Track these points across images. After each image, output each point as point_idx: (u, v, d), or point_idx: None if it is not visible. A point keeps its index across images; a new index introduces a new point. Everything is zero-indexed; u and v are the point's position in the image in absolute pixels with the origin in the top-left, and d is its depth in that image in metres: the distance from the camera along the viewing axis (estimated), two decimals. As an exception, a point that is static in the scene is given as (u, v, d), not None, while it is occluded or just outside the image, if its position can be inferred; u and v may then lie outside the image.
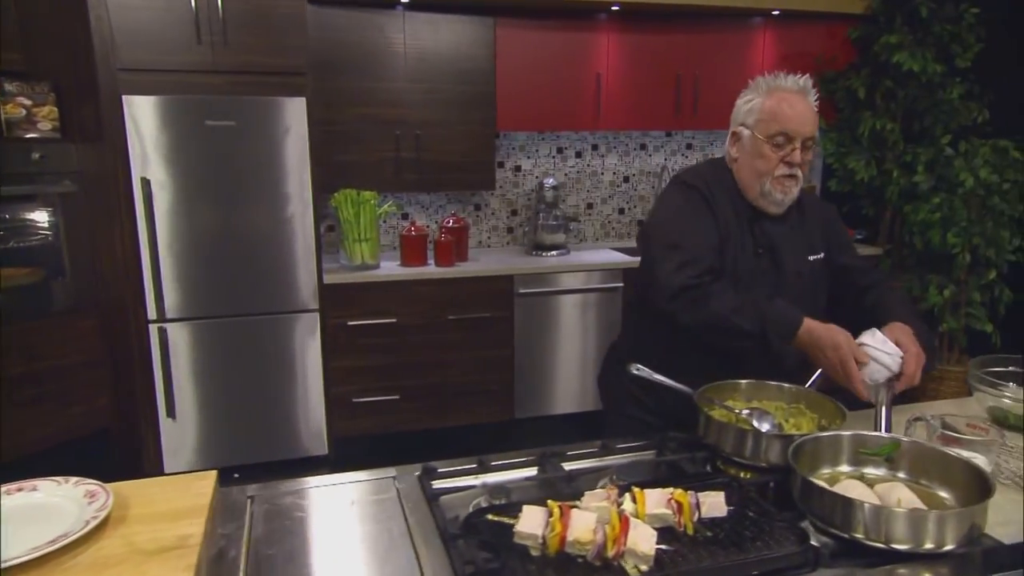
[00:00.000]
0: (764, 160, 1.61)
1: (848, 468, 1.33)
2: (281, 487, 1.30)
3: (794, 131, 1.57)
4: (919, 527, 1.06)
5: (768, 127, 1.60)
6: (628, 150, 4.27)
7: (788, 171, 1.60)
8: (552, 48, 3.68)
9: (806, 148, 1.60)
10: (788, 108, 1.58)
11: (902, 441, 1.30)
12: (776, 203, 1.64)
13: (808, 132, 1.59)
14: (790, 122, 1.57)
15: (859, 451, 1.32)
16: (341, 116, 3.44)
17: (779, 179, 1.61)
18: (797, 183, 1.62)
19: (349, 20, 3.37)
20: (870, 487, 1.20)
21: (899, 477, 1.29)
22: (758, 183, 1.63)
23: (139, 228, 3.01)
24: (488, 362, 3.59)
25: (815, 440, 1.31)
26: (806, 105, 1.59)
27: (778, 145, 1.59)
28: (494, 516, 1.10)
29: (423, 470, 1.36)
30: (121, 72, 2.91)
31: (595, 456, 1.46)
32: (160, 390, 3.15)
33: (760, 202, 1.65)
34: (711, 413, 1.42)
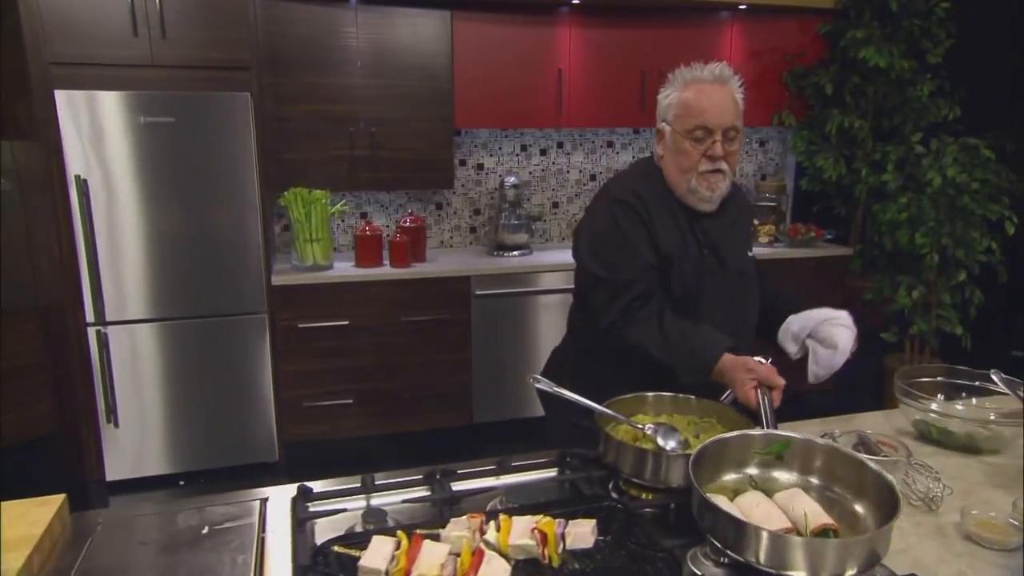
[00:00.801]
0: (686, 156, 1.53)
1: (756, 471, 1.24)
2: (136, 510, 1.21)
3: (712, 123, 1.49)
4: (819, 555, 0.97)
5: (686, 121, 1.52)
6: (595, 147, 4.18)
7: (711, 166, 1.52)
8: (512, 43, 3.58)
9: (729, 140, 1.52)
10: (705, 100, 1.50)
11: (794, 439, 1.20)
12: (704, 200, 1.56)
13: (727, 122, 1.50)
14: (707, 114, 1.49)
15: (753, 452, 1.22)
16: (293, 113, 3.35)
17: (704, 175, 1.53)
18: (724, 177, 1.54)
19: (300, 13, 3.27)
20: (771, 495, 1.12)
21: (811, 483, 1.19)
22: (684, 180, 1.56)
23: (75, 228, 2.92)
24: (444, 365, 3.50)
25: (721, 443, 1.22)
26: (724, 95, 1.51)
27: (698, 139, 1.51)
28: (340, 548, 1.02)
29: (298, 491, 1.27)
30: (53, 66, 2.81)
31: (490, 475, 1.37)
32: (100, 395, 3.05)
33: (689, 200, 1.57)
34: (609, 431, 1.33)
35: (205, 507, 1.22)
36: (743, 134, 1.57)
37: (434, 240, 4.00)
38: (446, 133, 3.59)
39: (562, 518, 1.06)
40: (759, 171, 4.47)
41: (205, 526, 1.15)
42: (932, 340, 3.80)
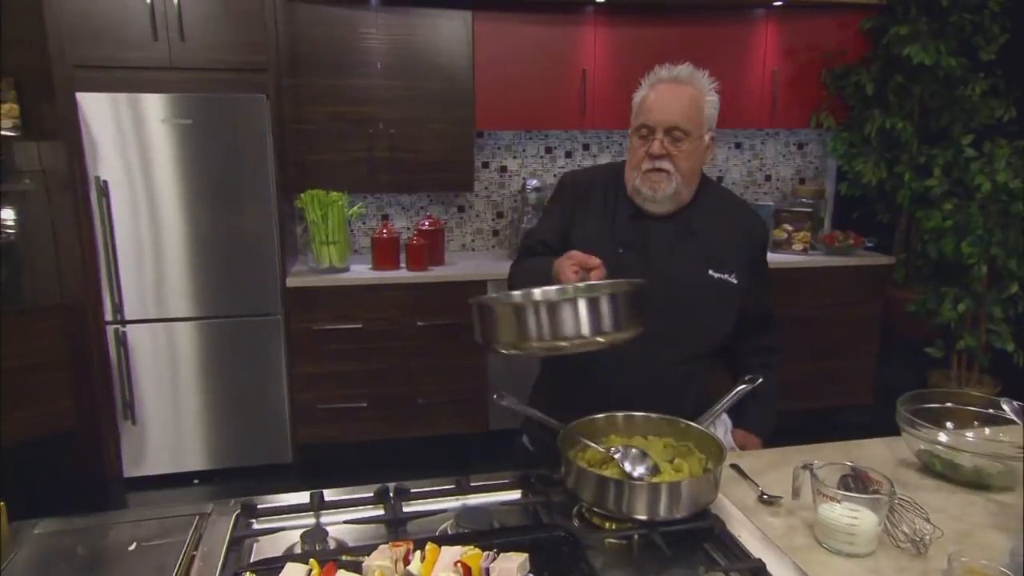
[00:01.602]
0: (632, 154, 1.51)
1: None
2: (71, 522, 1.18)
3: (653, 120, 1.45)
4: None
5: (635, 119, 1.50)
6: (622, 150, 4.06)
7: (651, 164, 1.46)
8: (534, 43, 3.50)
9: (675, 140, 1.44)
10: (653, 98, 1.47)
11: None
12: (648, 200, 1.49)
13: (668, 121, 1.43)
14: (650, 112, 1.46)
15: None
16: (312, 114, 3.35)
17: (646, 174, 1.47)
18: (666, 178, 1.46)
19: (320, 15, 3.26)
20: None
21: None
22: (631, 178, 1.51)
23: (96, 227, 2.97)
24: (460, 371, 3.44)
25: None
26: (676, 94, 1.46)
27: (643, 137, 1.48)
28: (251, 574, 0.96)
29: (242, 507, 1.23)
30: (76, 68, 2.87)
31: (447, 494, 1.30)
32: (119, 393, 3.10)
33: (636, 198, 1.52)
34: (572, 454, 1.24)
35: (142, 520, 1.18)
36: (700, 138, 1.47)
37: (455, 243, 3.95)
38: (467, 135, 3.53)
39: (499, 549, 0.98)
40: (797, 175, 4.28)
41: (134, 542, 1.11)
42: (981, 357, 3.56)
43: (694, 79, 1.48)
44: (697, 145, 1.47)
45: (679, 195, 1.49)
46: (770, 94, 3.76)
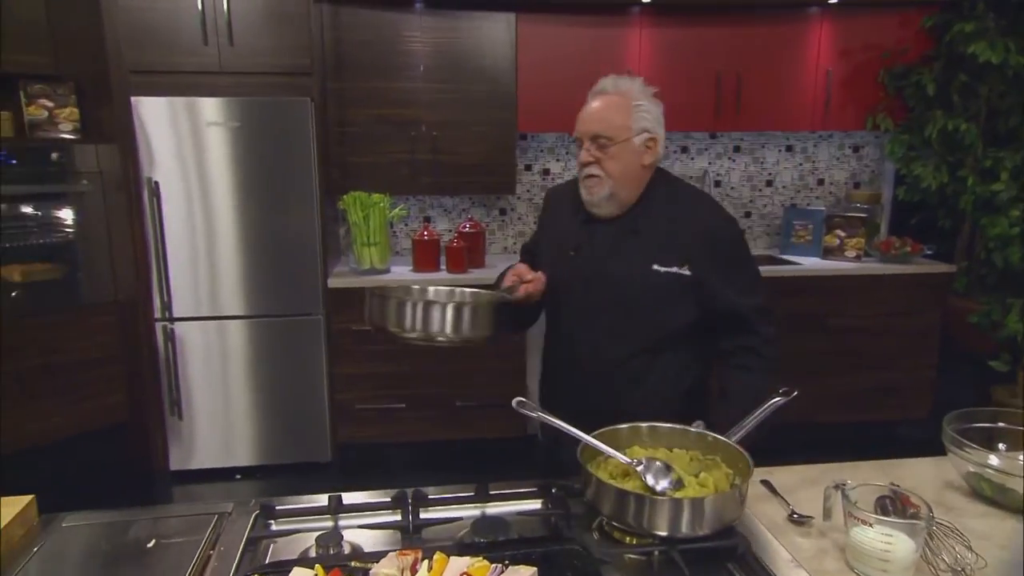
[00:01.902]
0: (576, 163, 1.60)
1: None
2: (97, 516, 1.21)
3: (579, 132, 1.56)
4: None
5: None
6: (668, 153, 3.99)
7: (584, 171, 1.55)
8: (578, 45, 3.47)
9: (600, 146, 1.52)
10: (582, 111, 1.58)
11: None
12: (589, 204, 1.58)
13: (590, 130, 1.53)
14: (577, 124, 1.57)
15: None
16: (355, 117, 3.38)
17: (583, 180, 1.56)
18: (599, 182, 1.53)
19: (365, 19, 3.30)
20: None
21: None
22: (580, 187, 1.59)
23: (147, 228, 3.06)
24: (499, 374, 3.42)
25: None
26: (598, 104, 1.56)
27: (580, 146, 1.57)
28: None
29: (261, 508, 1.23)
30: (132, 74, 2.97)
31: (466, 502, 1.28)
32: (166, 388, 3.19)
33: (585, 205, 1.59)
34: (592, 465, 1.21)
35: (164, 518, 1.20)
36: (628, 141, 1.52)
37: (497, 246, 3.94)
38: (509, 137, 3.52)
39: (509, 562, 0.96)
40: (852, 179, 4.12)
41: (153, 539, 1.13)
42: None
43: (619, 87, 1.56)
44: (624, 148, 1.52)
45: (617, 197, 1.54)
46: (823, 95, 3.63)
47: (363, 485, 1.69)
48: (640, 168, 1.54)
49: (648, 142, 1.54)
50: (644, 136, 1.53)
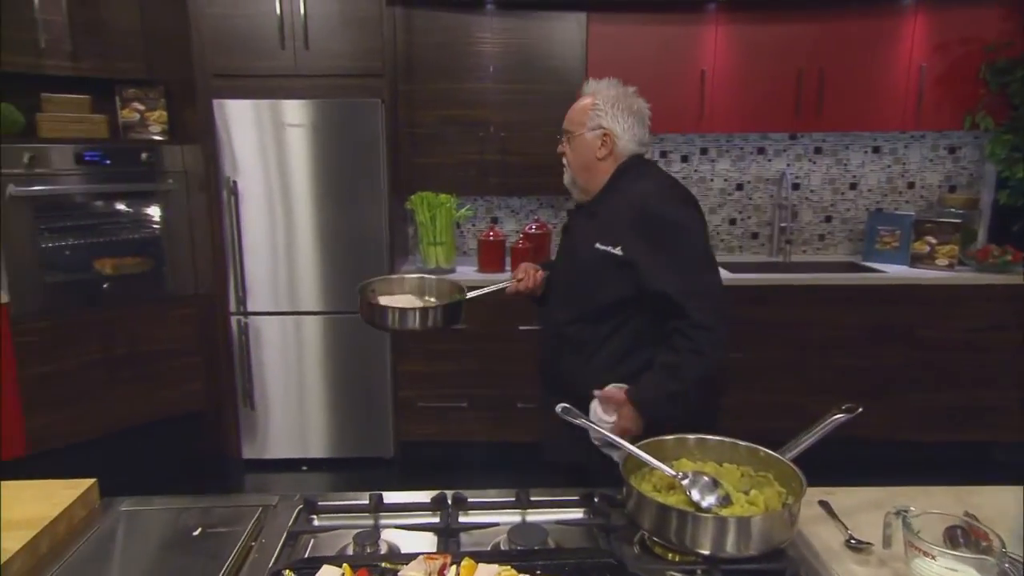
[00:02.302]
0: None
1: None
2: (152, 502, 1.25)
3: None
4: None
5: None
6: (743, 154, 3.85)
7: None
8: (650, 44, 3.39)
9: (568, 140, 1.77)
10: None
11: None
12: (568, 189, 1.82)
13: (563, 126, 1.79)
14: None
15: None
16: (425, 118, 3.42)
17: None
18: (566, 171, 1.80)
19: (436, 22, 3.33)
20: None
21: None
22: None
23: (225, 225, 3.19)
24: (561, 377, 3.39)
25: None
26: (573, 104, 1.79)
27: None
28: (289, 573, 0.96)
29: (304, 502, 1.25)
30: (214, 77, 3.10)
31: (506, 507, 1.26)
32: (239, 379, 3.32)
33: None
34: (634, 478, 1.16)
35: (210, 507, 1.23)
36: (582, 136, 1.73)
37: (564, 248, 3.90)
38: (578, 138, 3.48)
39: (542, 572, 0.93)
40: (946, 182, 3.86)
41: (199, 527, 1.16)
42: None
43: (591, 88, 1.77)
44: (580, 141, 1.73)
45: (577, 183, 1.77)
46: (915, 93, 3.42)
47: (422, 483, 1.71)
48: (595, 160, 1.71)
49: (603, 137, 1.70)
50: (599, 131, 1.70)
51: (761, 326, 3.33)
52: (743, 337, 3.34)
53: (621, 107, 1.70)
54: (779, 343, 3.35)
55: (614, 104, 1.70)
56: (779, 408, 3.37)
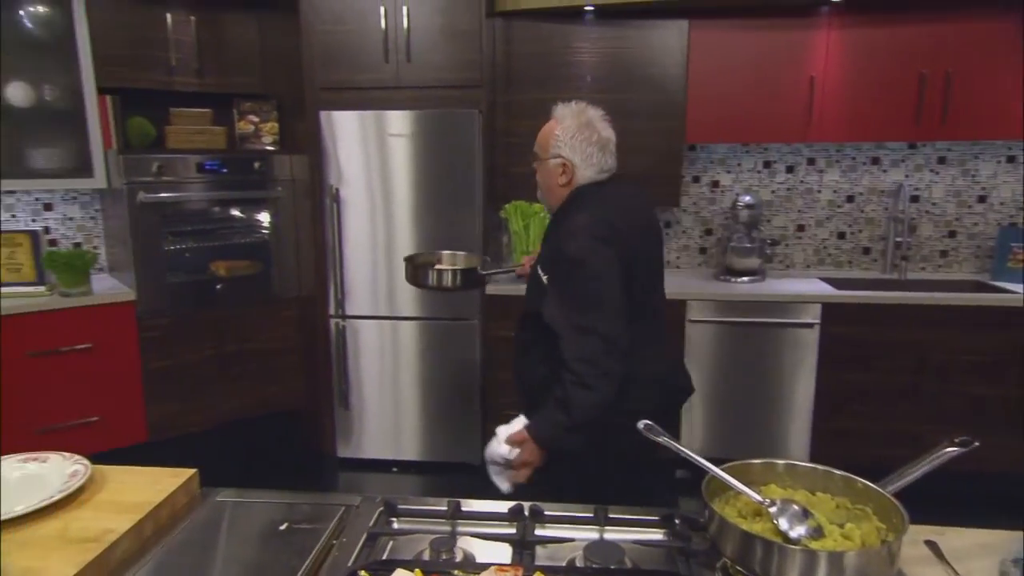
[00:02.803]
0: None
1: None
2: (246, 494, 1.31)
3: None
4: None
5: None
6: (855, 165, 3.64)
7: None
8: (755, 50, 3.27)
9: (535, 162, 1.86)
10: None
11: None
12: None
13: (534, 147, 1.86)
14: None
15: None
16: (521, 128, 3.44)
17: None
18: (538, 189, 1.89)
19: (535, 32, 3.35)
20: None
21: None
22: None
23: (327, 231, 3.33)
24: (652, 392, 3.31)
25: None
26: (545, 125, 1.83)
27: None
28: (365, 573, 0.98)
29: (385, 505, 1.27)
30: (322, 91, 3.25)
31: (583, 523, 1.23)
32: (336, 380, 3.44)
33: None
34: (716, 501, 1.11)
35: (297, 504, 1.28)
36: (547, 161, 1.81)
37: (659, 260, 3.82)
38: (676, 148, 3.40)
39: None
40: (1090, 195, 3.50)
41: (286, 522, 1.20)
42: None
43: (558, 113, 1.82)
44: (544, 166, 1.81)
45: (545, 202, 1.88)
46: (1056, 98, 3.13)
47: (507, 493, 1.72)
48: (556, 185, 1.79)
49: (562, 166, 1.77)
50: (558, 160, 1.77)
51: (870, 347, 3.13)
52: (848, 358, 3.15)
53: (580, 139, 1.75)
54: (890, 366, 3.14)
55: (574, 135, 1.75)
56: (886, 436, 3.16)
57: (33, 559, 1.03)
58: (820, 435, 3.24)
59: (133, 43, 3.18)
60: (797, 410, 3.24)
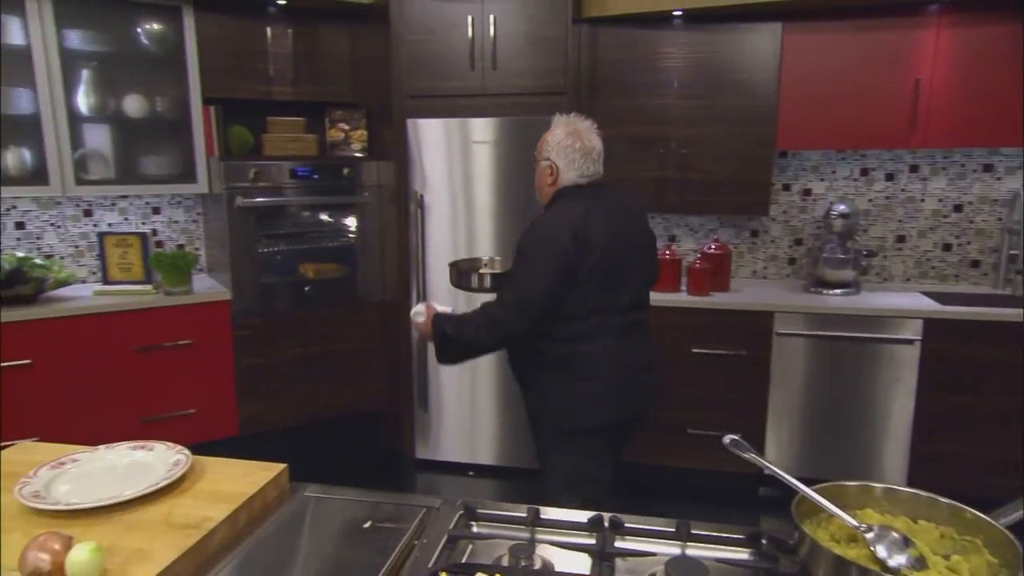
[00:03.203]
0: None
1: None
2: (332, 491, 1.35)
3: None
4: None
5: None
6: (964, 172, 3.42)
7: None
8: (855, 52, 3.13)
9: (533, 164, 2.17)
10: None
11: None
12: None
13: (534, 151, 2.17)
14: None
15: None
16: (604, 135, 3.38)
17: None
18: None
19: (621, 38, 3.32)
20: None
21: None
22: None
23: (411, 236, 3.40)
24: (735, 406, 3.21)
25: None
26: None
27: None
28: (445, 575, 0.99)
29: (465, 508, 1.28)
30: (409, 99, 3.32)
31: (666, 537, 1.20)
32: (416, 383, 3.51)
33: None
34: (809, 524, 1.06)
35: (380, 503, 1.30)
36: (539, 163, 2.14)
37: (745, 269, 3.71)
38: (766, 155, 3.29)
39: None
40: None
41: (370, 521, 1.23)
42: None
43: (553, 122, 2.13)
44: (538, 168, 2.13)
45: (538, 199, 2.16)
46: None
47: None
48: (545, 184, 2.10)
49: (550, 168, 2.07)
50: (547, 163, 2.08)
51: (978, 367, 2.93)
52: (952, 377, 2.96)
53: (566, 145, 2.04)
54: (999, 388, 2.93)
55: (560, 142, 2.05)
56: (992, 464, 2.94)
57: (142, 541, 1.09)
58: (918, 459, 3.05)
59: (235, 55, 3.35)
60: (892, 431, 3.07)
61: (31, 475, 1.26)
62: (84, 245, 3.47)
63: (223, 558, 1.12)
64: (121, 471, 1.31)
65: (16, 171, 3.04)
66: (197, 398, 3.26)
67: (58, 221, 3.42)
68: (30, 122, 3.02)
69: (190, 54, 3.23)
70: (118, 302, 3.07)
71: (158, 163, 3.33)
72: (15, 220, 3.34)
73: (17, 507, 1.18)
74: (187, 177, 3.35)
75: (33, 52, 2.96)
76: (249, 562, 1.12)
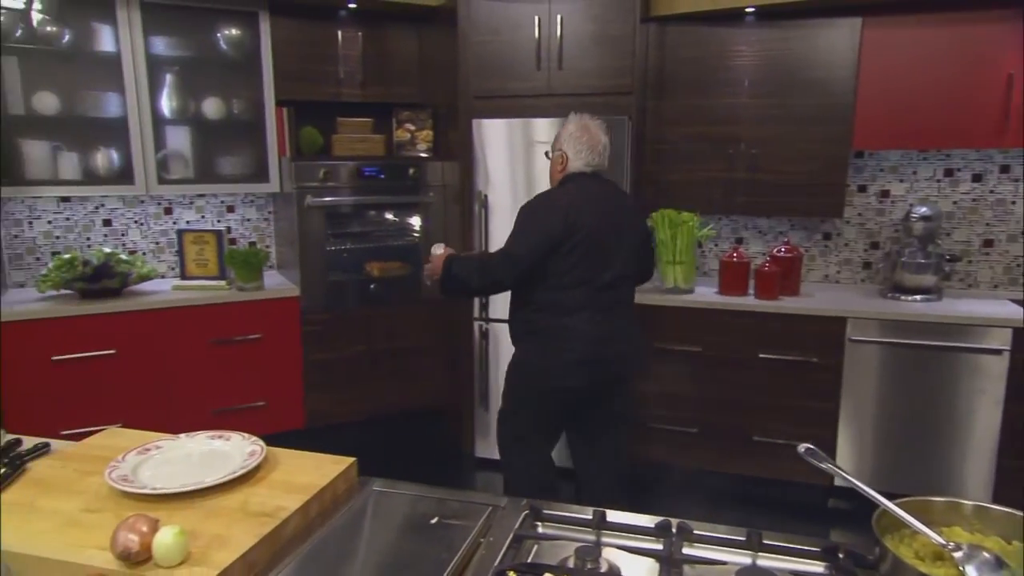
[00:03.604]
0: None
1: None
2: (399, 486, 1.37)
3: None
4: None
5: None
6: (1050, 174, 3.23)
7: None
8: (939, 48, 2.99)
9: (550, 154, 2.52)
10: None
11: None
12: None
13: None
14: None
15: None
16: (672, 135, 3.37)
17: None
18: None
19: (690, 36, 3.27)
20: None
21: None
22: None
23: (474, 235, 3.42)
24: (804, 413, 3.11)
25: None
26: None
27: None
28: (513, 574, 0.98)
29: (531, 508, 1.28)
30: (475, 99, 3.35)
31: (735, 546, 1.17)
32: (477, 381, 3.53)
33: None
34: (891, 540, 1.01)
35: (447, 500, 1.31)
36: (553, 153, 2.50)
37: (816, 273, 3.59)
38: (841, 155, 3.18)
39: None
40: None
41: (436, 517, 1.24)
42: None
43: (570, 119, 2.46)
44: (553, 157, 2.47)
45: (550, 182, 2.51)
46: None
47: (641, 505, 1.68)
48: (557, 171, 2.45)
49: (561, 157, 2.42)
50: (559, 152, 2.43)
51: (1070, 380, 2.76)
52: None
53: (576, 137, 2.38)
54: (1096, 403, 2.75)
55: (571, 134, 2.40)
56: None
57: (220, 527, 1.13)
58: (1006, 475, 2.89)
59: (307, 58, 3.45)
60: (976, 445, 2.91)
61: (120, 460, 1.32)
62: (164, 242, 3.63)
63: (296, 547, 1.15)
64: (199, 459, 1.36)
65: (105, 171, 3.21)
66: (266, 391, 3.37)
67: (141, 218, 3.59)
68: (118, 125, 3.17)
69: (265, 58, 3.34)
70: (194, 296, 3.20)
71: (233, 163, 3.45)
72: (103, 217, 3.51)
73: (107, 489, 1.24)
74: (260, 176, 3.47)
75: (122, 58, 3.12)
76: (320, 552, 1.15)
